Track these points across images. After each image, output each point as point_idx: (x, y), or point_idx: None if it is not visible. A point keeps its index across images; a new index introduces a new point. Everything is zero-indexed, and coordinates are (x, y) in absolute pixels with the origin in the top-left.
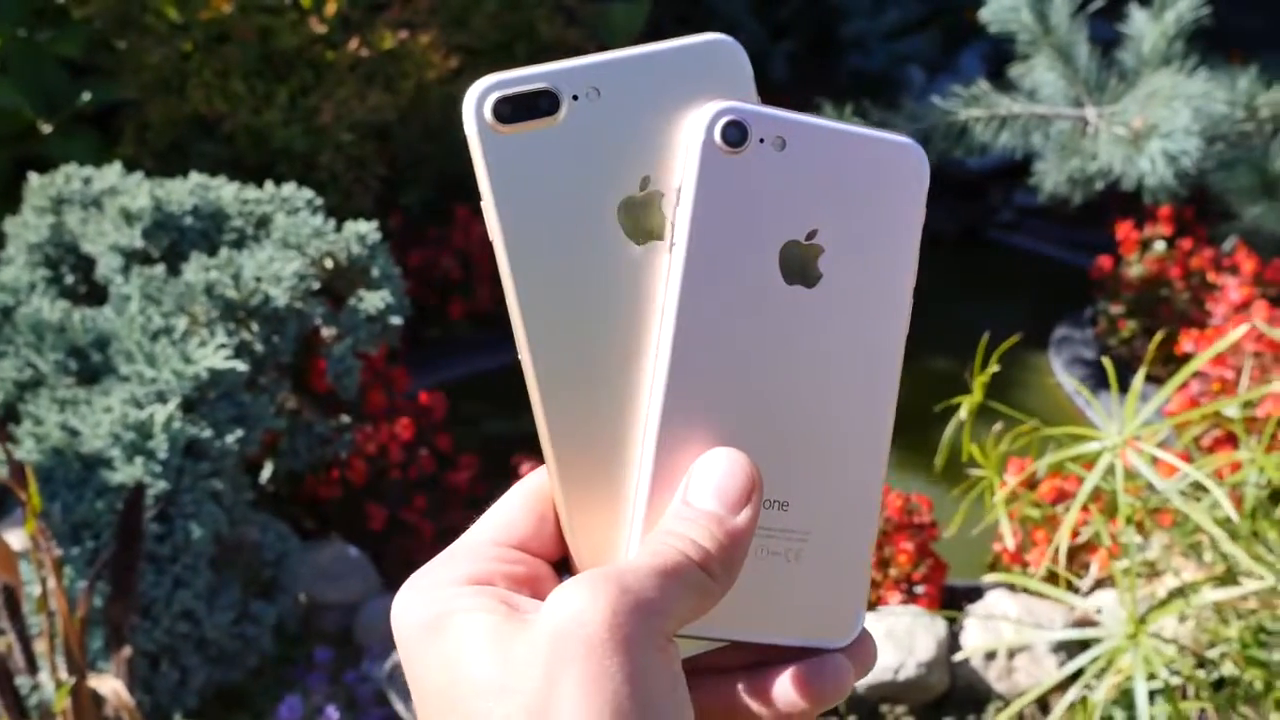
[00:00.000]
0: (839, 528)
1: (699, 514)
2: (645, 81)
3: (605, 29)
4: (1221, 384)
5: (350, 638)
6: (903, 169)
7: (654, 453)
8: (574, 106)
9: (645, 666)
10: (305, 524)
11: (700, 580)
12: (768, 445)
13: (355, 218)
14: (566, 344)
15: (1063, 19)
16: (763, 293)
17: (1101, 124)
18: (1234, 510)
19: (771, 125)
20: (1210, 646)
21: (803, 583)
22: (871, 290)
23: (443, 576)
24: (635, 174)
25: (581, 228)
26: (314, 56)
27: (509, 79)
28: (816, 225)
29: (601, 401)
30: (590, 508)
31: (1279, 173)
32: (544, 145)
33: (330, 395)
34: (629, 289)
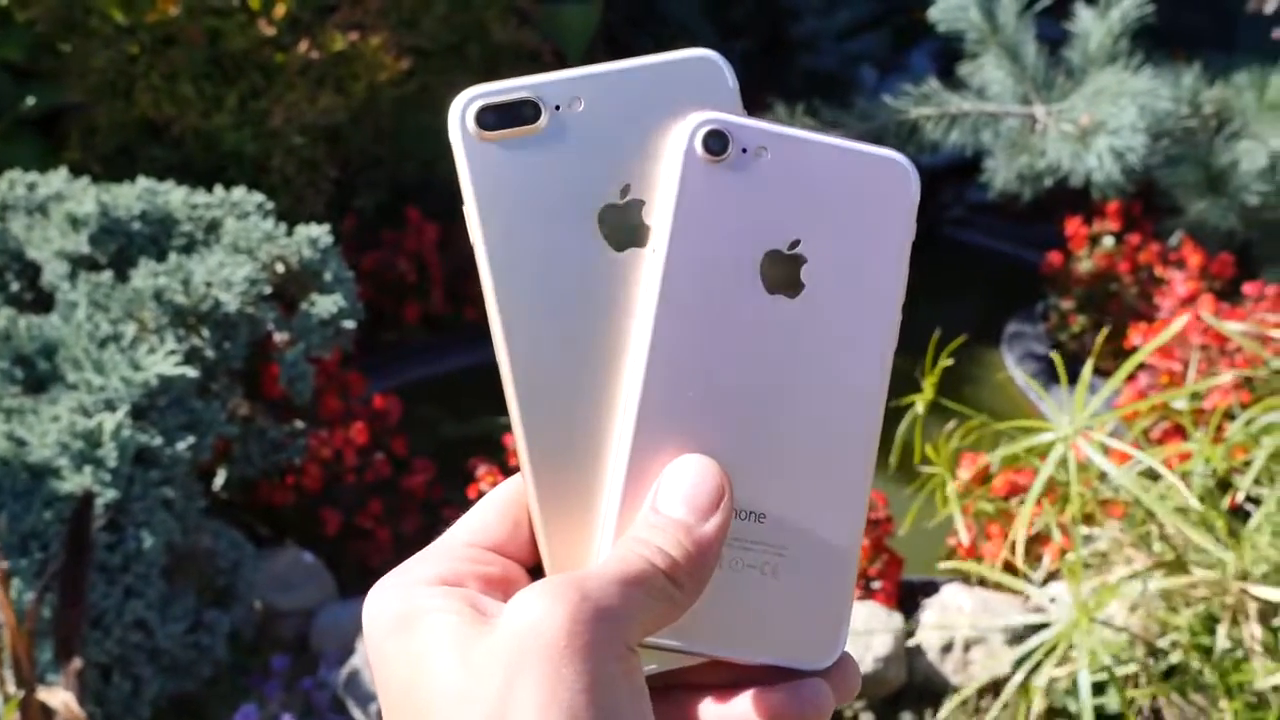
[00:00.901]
0: (818, 544)
1: (667, 521)
2: (628, 94)
3: (558, 31)
4: (1170, 376)
5: (306, 645)
6: (890, 183)
7: (627, 460)
8: (556, 116)
9: (603, 676)
10: (260, 531)
11: (666, 589)
12: (744, 456)
13: (307, 221)
14: (544, 349)
15: (1010, 18)
16: (743, 302)
17: (1049, 121)
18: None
19: (754, 136)
20: (1161, 635)
21: (779, 599)
22: (856, 303)
23: (415, 575)
24: (616, 182)
25: (562, 234)
26: (263, 59)
27: (492, 89)
28: (799, 236)
29: (578, 407)
30: (563, 513)
31: (1223, 168)
32: (526, 153)
33: (283, 400)
34: (608, 295)
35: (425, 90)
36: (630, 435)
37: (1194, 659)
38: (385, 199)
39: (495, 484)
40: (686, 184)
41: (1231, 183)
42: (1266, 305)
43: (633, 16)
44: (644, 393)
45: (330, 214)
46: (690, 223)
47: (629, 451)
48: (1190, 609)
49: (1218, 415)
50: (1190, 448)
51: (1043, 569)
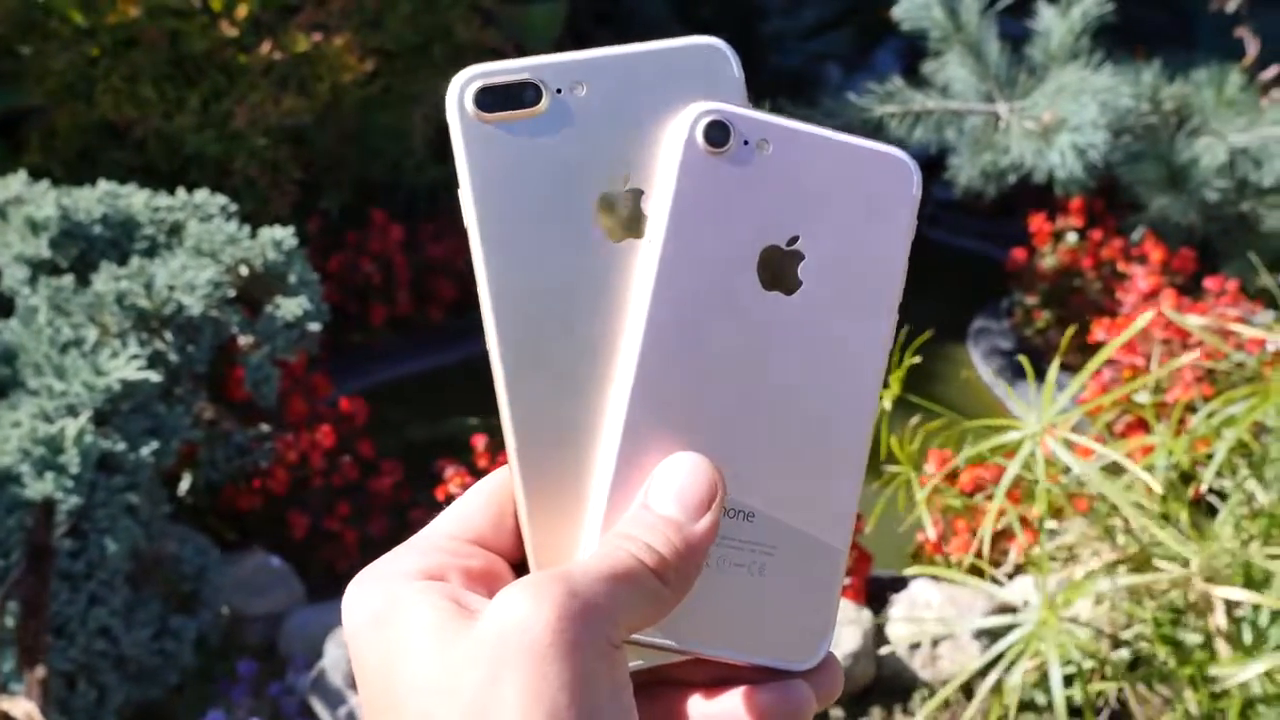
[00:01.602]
0: (807, 544)
1: (657, 519)
2: (630, 79)
3: (523, 30)
4: (1133, 371)
5: (274, 649)
6: (891, 180)
7: (616, 455)
8: (557, 99)
9: (588, 673)
10: (226, 535)
11: (653, 587)
12: (734, 453)
13: (272, 223)
14: (536, 338)
15: (973, 16)
16: (738, 297)
17: (1012, 119)
18: (1156, 487)
19: (756, 128)
20: (1126, 628)
21: (765, 599)
22: (853, 302)
23: (396, 568)
24: (615, 170)
25: (558, 221)
26: (225, 60)
27: (493, 69)
28: (798, 231)
29: (569, 398)
30: (550, 507)
31: (1183, 165)
32: (524, 137)
33: (249, 404)
34: (603, 285)
35: (389, 91)
36: (620, 429)
37: (1159, 651)
38: (350, 200)
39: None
40: (685, 176)
41: (1192, 179)
42: (1227, 300)
43: (599, 14)
44: (635, 387)
45: (295, 216)
46: (688, 216)
47: (618, 445)
48: (1155, 602)
49: (1179, 408)
50: (1153, 441)
51: (1009, 563)
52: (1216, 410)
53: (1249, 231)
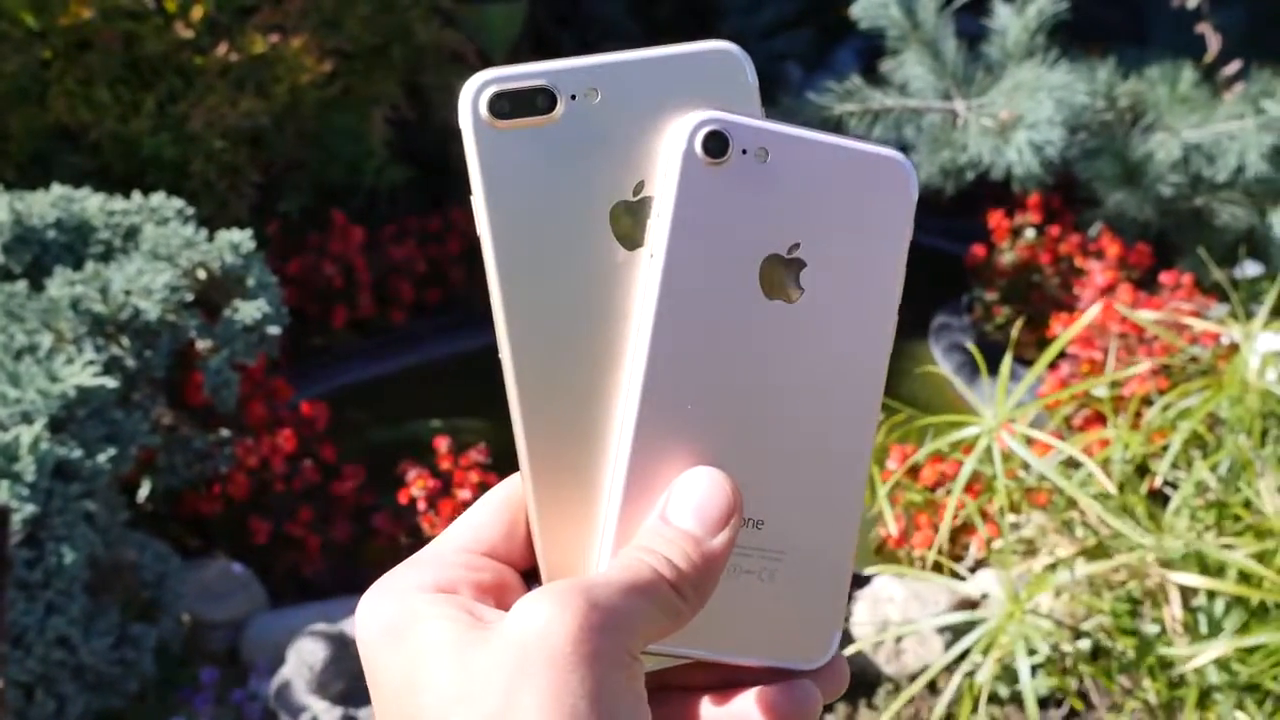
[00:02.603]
0: (815, 548)
1: (676, 533)
2: (645, 85)
3: (482, 31)
4: (1090, 365)
5: (237, 656)
6: (889, 182)
7: (627, 466)
8: (571, 106)
9: (608, 684)
10: (187, 542)
11: (671, 600)
12: (743, 462)
13: (230, 226)
14: (548, 347)
15: (930, 14)
16: (742, 307)
17: (970, 116)
18: (1109, 484)
19: (754, 136)
20: (1086, 619)
21: (775, 602)
22: (854, 306)
23: (408, 582)
24: (629, 178)
25: (571, 229)
26: (182, 62)
27: (507, 74)
28: (799, 239)
29: (581, 409)
30: (562, 517)
31: (1138, 160)
32: (538, 143)
33: (208, 409)
34: (615, 295)
35: (348, 92)
36: (629, 441)
37: (1119, 641)
38: (310, 202)
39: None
40: (685, 187)
41: (1147, 175)
42: (1182, 294)
43: (559, 16)
44: (643, 399)
45: (253, 218)
46: (689, 227)
47: (628, 458)
48: (1113, 593)
49: (1135, 402)
50: (1110, 434)
51: (970, 557)
52: (1172, 403)
53: (1203, 226)
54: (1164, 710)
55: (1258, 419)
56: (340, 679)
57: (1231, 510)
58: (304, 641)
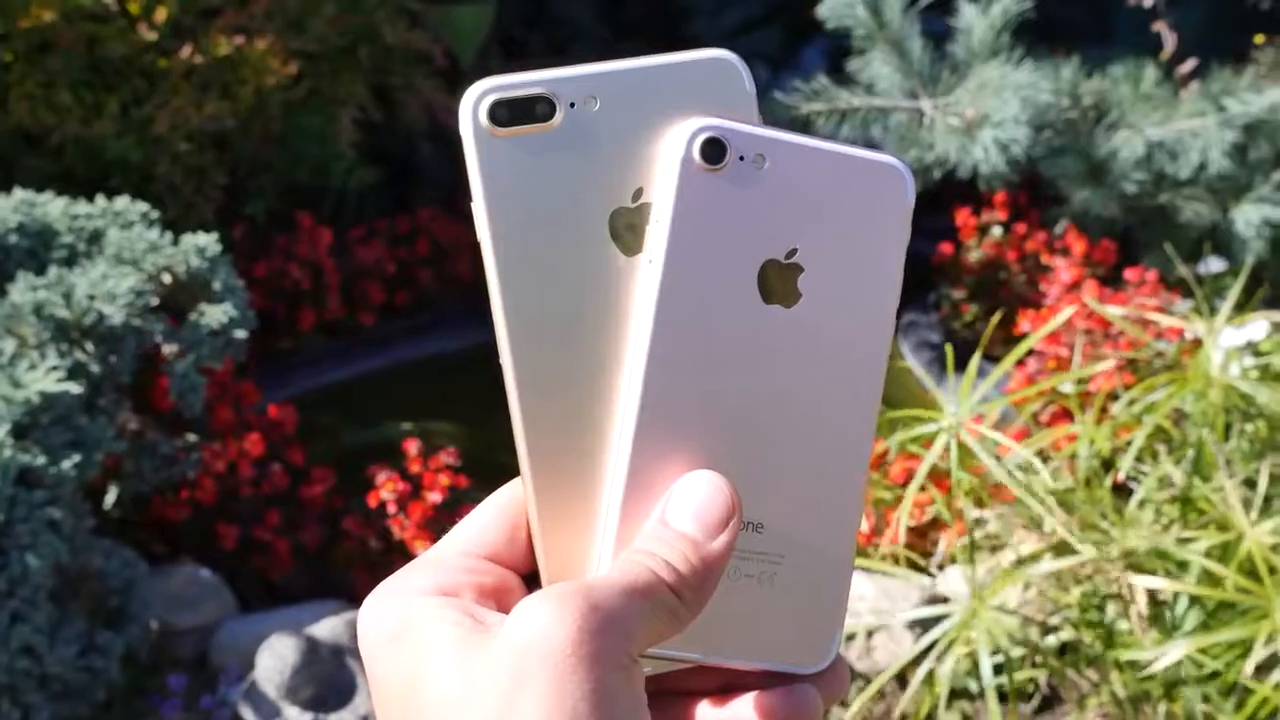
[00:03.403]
0: (814, 551)
1: (675, 536)
2: (643, 94)
3: (450, 32)
4: (1056, 361)
5: (206, 662)
6: (886, 188)
7: (627, 470)
8: (570, 114)
9: (608, 685)
10: (154, 548)
11: (670, 603)
12: (742, 466)
13: (196, 229)
14: (549, 353)
15: (896, 14)
16: (740, 312)
17: (936, 115)
18: (1068, 480)
19: (752, 143)
20: (1053, 614)
21: (775, 606)
22: (852, 311)
23: (410, 585)
24: (628, 185)
25: (571, 236)
26: (145, 65)
27: (507, 83)
28: (796, 244)
29: (581, 413)
30: (563, 521)
31: (1103, 158)
32: (538, 151)
33: (174, 414)
34: (615, 300)
35: (315, 94)
36: (629, 445)
37: (1085, 635)
38: (277, 205)
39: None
40: (683, 194)
41: (1111, 172)
42: (1147, 290)
43: (526, 18)
44: (643, 404)
45: (219, 222)
46: (687, 233)
47: (628, 462)
48: (1079, 587)
49: (1100, 398)
50: (1075, 430)
51: (939, 554)
52: (1137, 398)
53: (1167, 223)
54: (1131, 703)
55: (1221, 413)
56: (310, 684)
57: (1195, 504)
58: (273, 646)
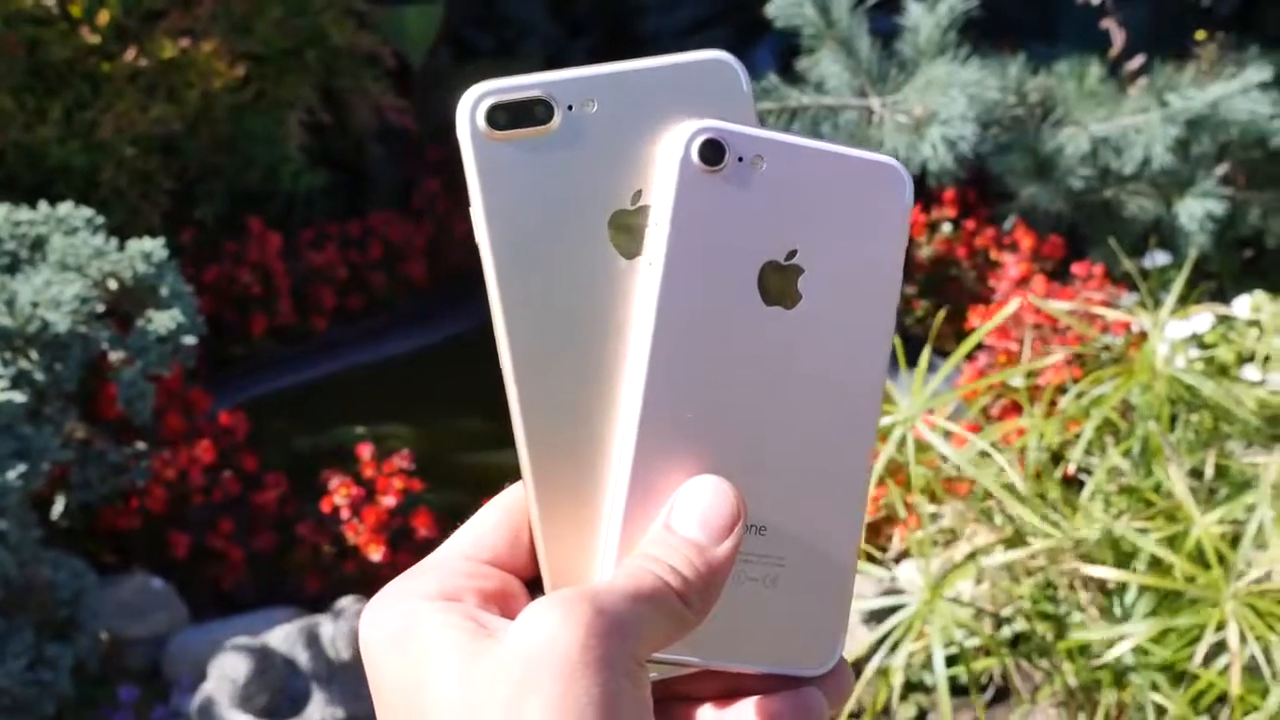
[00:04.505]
0: (818, 553)
1: (680, 541)
2: (641, 96)
3: (399, 33)
4: (1006, 356)
5: (158, 673)
6: (885, 188)
7: (629, 474)
8: (568, 116)
9: (615, 691)
10: (104, 558)
11: (676, 609)
12: (744, 468)
13: (143, 235)
14: (548, 356)
15: (844, 13)
16: (741, 314)
17: (885, 113)
18: (1019, 473)
19: (750, 144)
20: (1006, 606)
21: (779, 609)
22: (852, 312)
23: (412, 590)
24: (627, 188)
25: (570, 239)
26: (89, 68)
27: (504, 86)
28: (796, 246)
29: (582, 417)
30: (565, 526)
31: (1049, 154)
32: (536, 154)
33: (123, 421)
34: (615, 304)
35: (262, 96)
36: (631, 449)
37: (1038, 626)
38: (225, 209)
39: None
40: (682, 196)
41: (1058, 168)
42: (1094, 284)
43: (476, 17)
44: (644, 406)
45: (167, 227)
46: (687, 236)
47: (630, 466)
48: (1031, 579)
49: (1049, 391)
50: (1025, 423)
51: (894, 548)
52: (1085, 391)
53: (1112, 217)
54: (1083, 692)
55: (1166, 404)
56: (264, 692)
57: (1143, 495)
58: (226, 655)
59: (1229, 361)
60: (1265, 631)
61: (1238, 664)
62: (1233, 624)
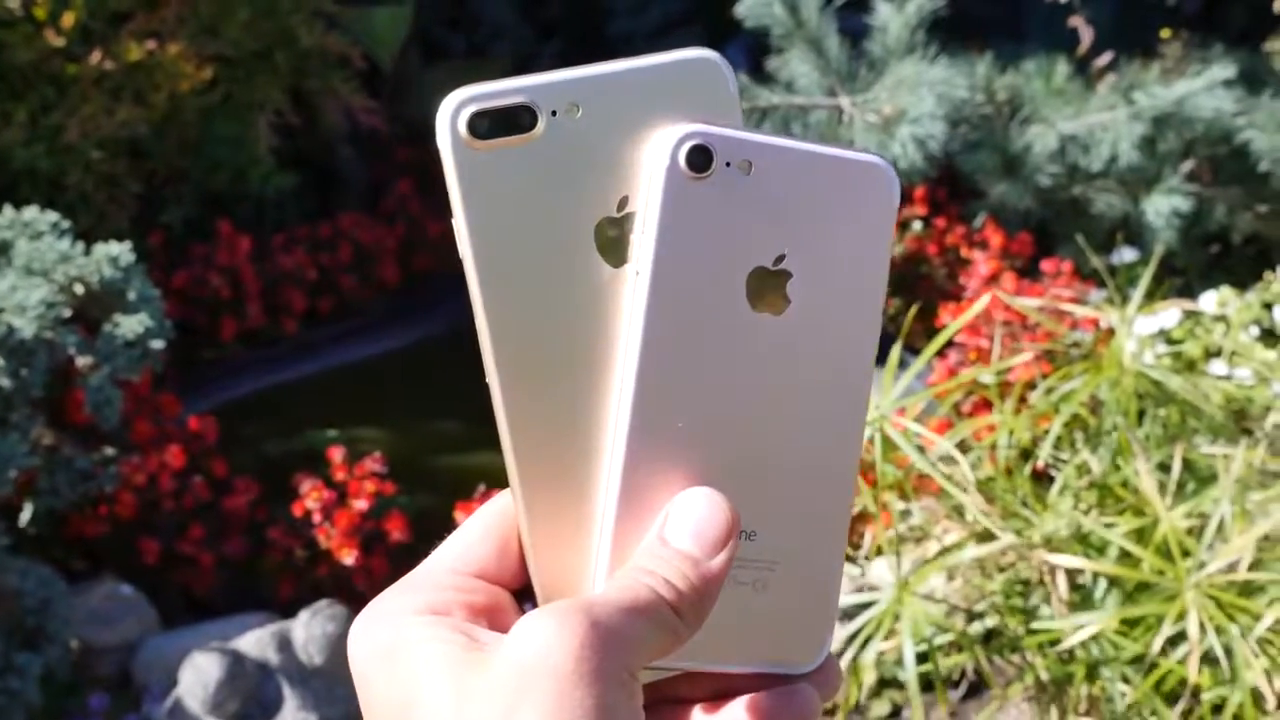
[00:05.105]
0: (807, 556)
1: (674, 554)
2: (626, 99)
3: (368, 34)
4: (977, 353)
5: (129, 680)
6: (872, 189)
7: (619, 484)
8: (552, 123)
9: (610, 702)
10: (73, 565)
11: (669, 620)
12: (735, 475)
13: (111, 239)
14: (535, 367)
15: (813, 12)
16: (729, 320)
17: (855, 112)
18: (989, 470)
19: (738, 148)
20: (978, 601)
21: (769, 611)
22: (840, 315)
23: (400, 605)
24: (613, 194)
25: (555, 249)
26: (54, 71)
27: (485, 92)
28: (784, 250)
29: (570, 427)
30: (556, 537)
31: (1017, 152)
32: (519, 162)
33: (91, 427)
34: (602, 313)
35: (231, 99)
36: (621, 460)
37: (1010, 621)
38: (194, 213)
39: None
40: (669, 203)
41: (1026, 165)
42: (1063, 281)
43: (446, 18)
44: (633, 415)
45: (135, 230)
46: (674, 242)
47: (620, 476)
48: (1002, 574)
49: (1019, 388)
50: (995, 420)
51: (866, 546)
52: (1054, 387)
53: (1080, 214)
54: (1054, 685)
55: (1134, 400)
56: (235, 698)
57: (1112, 490)
58: (196, 661)
59: (1196, 356)
60: (1225, 622)
61: (1196, 652)
62: (1193, 613)
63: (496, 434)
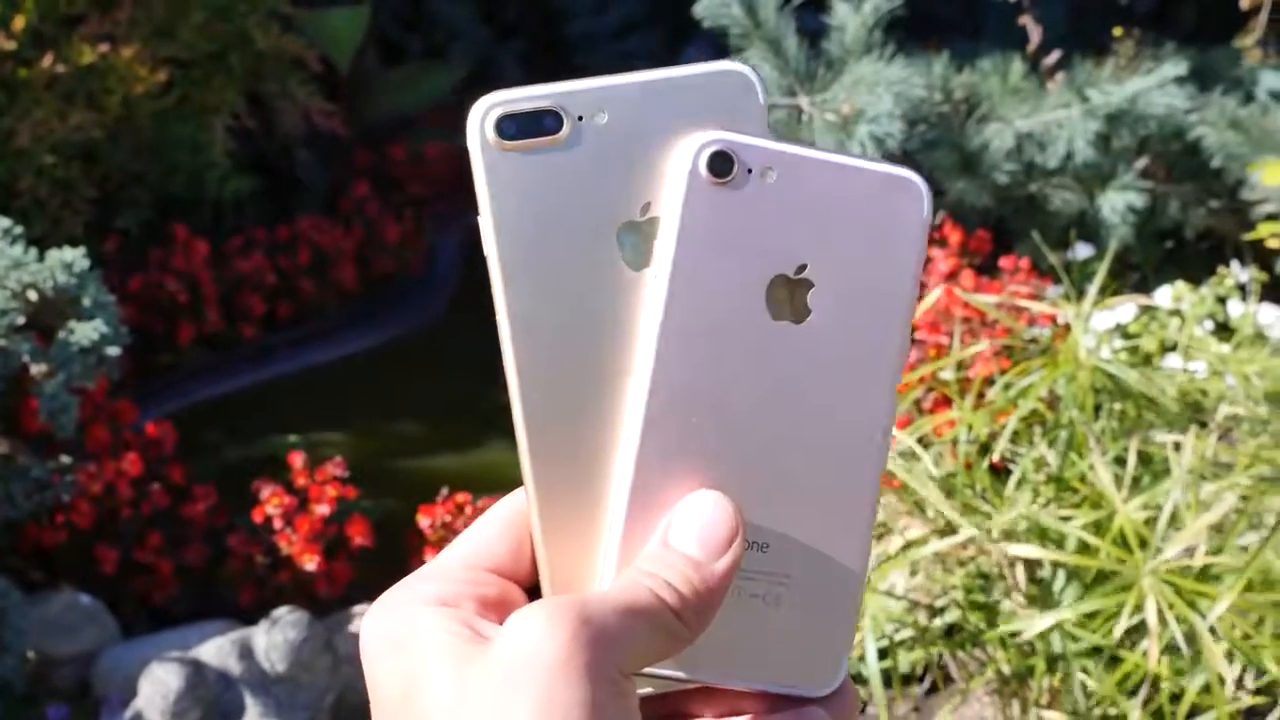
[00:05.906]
0: (822, 572)
1: (678, 557)
2: (653, 106)
3: (325, 36)
4: (937, 350)
5: (88, 691)
6: (901, 202)
7: (630, 486)
8: (579, 127)
9: (597, 699)
10: (30, 575)
11: (669, 624)
12: (747, 484)
13: (65, 245)
14: (554, 367)
15: (771, 13)
16: (747, 328)
17: (814, 111)
18: (950, 465)
19: (760, 156)
20: (939, 597)
21: (782, 627)
22: (863, 328)
23: (412, 595)
24: (637, 199)
25: (579, 251)
26: (4, 75)
27: (514, 96)
28: (806, 260)
29: (586, 428)
30: (566, 536)
31: (975, 150)
32: (545, 165)
33: (46, 435)
34: (622, 316)
35: (186, 101)
36: (633, 462)
37: (971, 616)
38: (151, 217)
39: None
40: (689, 208)
41: (984, 163)
42: (1020, 277)
43: (403, 19)
44: (647, 419)
45: (90, 236)
46: (693, 248)
47: (631, 479)
48: (963, 569)
49: (978, 384)
50: (954, 415)
51: None
52: (1012, 383)
53: (1037, 211)
54: (1016, 679)
55: (1090, 394)
56: (196, 707)
57: (1069, 483)
58: (156, 671)
59: (1152, 351)
60: (1186, 610)
61: (1155, 639)
62: (1150, 601)
63: (457, 438)
